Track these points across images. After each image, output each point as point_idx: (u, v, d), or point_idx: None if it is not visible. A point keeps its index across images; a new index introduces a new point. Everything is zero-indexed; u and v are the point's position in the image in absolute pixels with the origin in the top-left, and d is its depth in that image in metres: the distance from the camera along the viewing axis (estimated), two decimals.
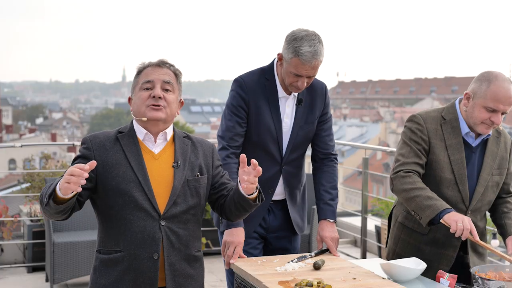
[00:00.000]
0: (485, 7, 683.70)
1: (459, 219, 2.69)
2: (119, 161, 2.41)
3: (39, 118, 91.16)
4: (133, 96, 2.50)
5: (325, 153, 3.22)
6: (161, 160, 2.47)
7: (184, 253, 2.46)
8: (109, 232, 2.42)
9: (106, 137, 2.46)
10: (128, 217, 2.38)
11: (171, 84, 2.47)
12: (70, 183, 2.14)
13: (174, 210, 2.42)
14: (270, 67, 3.12)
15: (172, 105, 2.46)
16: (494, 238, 3.13)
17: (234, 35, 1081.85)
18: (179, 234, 2.44)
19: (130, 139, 2.46)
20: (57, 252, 5.08)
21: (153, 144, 2.48)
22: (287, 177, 3.16)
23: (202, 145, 2.59)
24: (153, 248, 2.38)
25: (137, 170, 2.40)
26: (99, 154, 2.41)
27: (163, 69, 2.49)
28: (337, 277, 2.62)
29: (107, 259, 2.41)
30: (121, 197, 2.38)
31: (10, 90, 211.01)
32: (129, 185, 2.38)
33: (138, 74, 2.51)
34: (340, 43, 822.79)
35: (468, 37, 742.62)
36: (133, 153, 2.43)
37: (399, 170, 2.91)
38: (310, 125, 3.15)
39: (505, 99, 2.80)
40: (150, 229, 2.38)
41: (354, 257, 6.36)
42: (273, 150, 3.10)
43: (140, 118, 2.44)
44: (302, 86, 2.98)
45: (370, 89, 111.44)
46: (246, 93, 3.05)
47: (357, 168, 27.00)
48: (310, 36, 2.91)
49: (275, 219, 3.19)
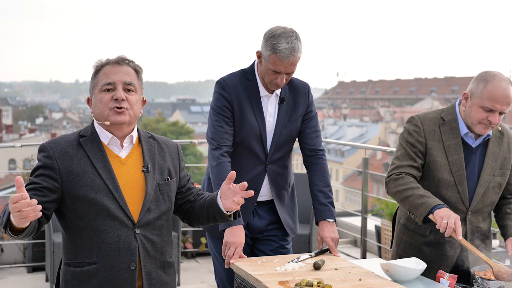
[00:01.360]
0: (485, 7, 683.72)
1: (445, 216, 2.70)
2: (85, 168, 2.27)
3: (39, 118, 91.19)
4: (93, 98, 2.37)
5: (312, 149, 3.23)
6: (129, 165, 2.36)
7: (159, 260, 2.38)
8: (79, 243, 2.28)
9: (68, 143, 2.32)
10: (100, 227, 2.26)
11: (133, 84, 2.34)
12: (26, 217, 1.96)
13: (148, 217, 2.33)
14: (251, 68, 3.16)
15: (135, 106, 2.35)
16: (494, 238, 3.13)
17: (234, 35, 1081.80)
18: (154, 241, 2.35)
19: (94, 144, 2.33)
20: (57, 252, 5.07)
21: (119, 148, 2.36)
22: (273, 177, 3.17)
23: (168, 146, 2.50)
24: (130, 258, 2.28)
25: (105, 178, 2.28)
26: (63, 163, 2.27)
27: (123, 66, 2.35)
28: (337, 277, 2.62)
29: (79, 272, 2.28)
30: (92, 207, 2.25)
31: (10, 90, 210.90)
32: (99, 194, 2.26)
33: (96, 73, 2.36)
34: (340, 43, 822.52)
35: (468, 37, 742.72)
36: (99, 159, 2.30)
37: (392, 173, 2.95)
38: (293, 124, 3.18)
39: (502, 99, 2.79)
40: (125, 239, 2.28)
41: (354, 257, 6.36)
42: (257, 149, 3.12)
43: (103, 122, 2.33)
44: (281, 82, 3.01)
45: (370, 89, 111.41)
46: (228, 94, 3.08)
47: (357, 168, 27.01)
48: (288, 33, 2.95)
49: (260, 220, 3.20)
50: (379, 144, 49.72)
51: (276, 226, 3.24)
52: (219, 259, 3.20)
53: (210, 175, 3.09)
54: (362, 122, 73.61)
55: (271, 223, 3.22)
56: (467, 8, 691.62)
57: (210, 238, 3.24)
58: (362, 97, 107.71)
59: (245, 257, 2.89)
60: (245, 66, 3.22)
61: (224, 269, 3.15)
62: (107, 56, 2.41)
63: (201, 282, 5.57)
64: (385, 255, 6.11)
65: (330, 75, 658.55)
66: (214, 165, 3.00)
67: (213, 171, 3.01)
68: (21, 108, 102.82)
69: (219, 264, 3.21)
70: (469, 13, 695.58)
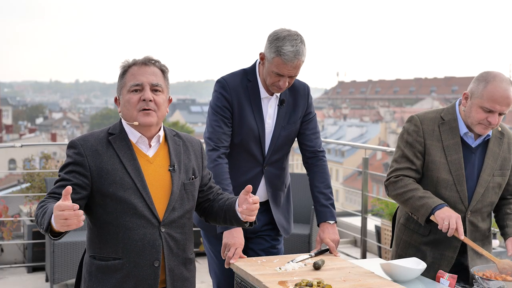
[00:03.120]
0: (485, 7, 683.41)
1: (446, 217, 2.72)
2: (114, 166, 2.32)
3: (39, 118, 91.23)
4: (121, 98, 2.41)
5: (312, 150, 3.23)
6: (156, 164, 2.40)
7: (181, 257, 2.44)
8: (105, 238, 2.34)
9: (97, 140, 2.36)
10: (127, 224, 2.31)
11: (160, 85, 2.39)
12: (70, 225, 2.01)
13: (172, 215, 2.38)
14: (252, 68, 3.14)
15: (162, 106, 2.39)
16: (494, 238, 3.13)
17: (234, 35, 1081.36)
18: (177, 239, 2.41)
19: (122, 142, 2.37)
20: (57, 252, 5.08)
21: (147, 147, 2.41)
22: (270, 178, 3.17)
23: (192, 145, 2.54)
24: (154, 256, 2.34)
25: (134, 176, 2.32)
26: (93, 160, 2.31)
27: (149, 67, 2.39)
28: (337, 277, 2.62)
29: (104, 266, 2.34)
30: (120, 204, 2.31)
31: (10, 90, 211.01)
32: (127, 192, 2.31)
33: (123, 73, 2.41)
34: (340, 43, 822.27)
35: (468, 37, 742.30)
36: (128, 157, 2.35)
37: (391, 176, 2.97)
38: (292, 125, 3.16)
39: (501, 100, 2.79)
40: (150, 237, 2.33)
41: (354, 257, 6.36)
42: (255, 150, 3.11)
43: (132, 123, 2.37)
44: (284, 85, 3.00)
45: (370, 89, 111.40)
46: (229, 94, 3.07)
47: (357, 168, 27.00)
48: (292, 36, 2.93)
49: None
50: (379, 144, 49.72)
51: (270, 226, 3.24)
52: (213, 256, 3.20)
53: None
54: (362, 122, 73.60)
55: (265, 224, 3.23)
56: (467, 8, 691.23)
57: (206, 237, 3.24)
58: (362, 97, 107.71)
59: (245, 257, 2.90)
60: (245, 66, 3.20)
61: (219, 267, 3.16)
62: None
63: (201, 282, 5.57)
64: (385, 255, 6.11)
65: (330, 75, 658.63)
66: (211, 166, 2.99)
67: (210, 172, 3.01)
68: (21, 108, 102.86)
69: (214, 262, 3.21)
70: (469, 13, 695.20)
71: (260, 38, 40.32)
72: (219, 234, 2.97)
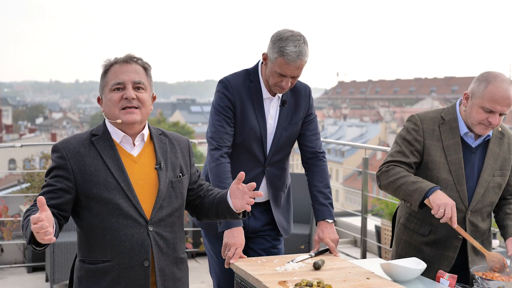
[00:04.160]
0: (485, 7, 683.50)
1: (442, 204, 2.72)
2: (97, 167, 2.29)
3: (39, 118, 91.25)
4: (103, 97, 2.38)
5: (312, 151, 3.24)
6: (141, 163, 2.38)
7: (172, 256, 2.41)
8: (93, 241, 2.32)
9: (80, 142, 2.33)
10: (114, 225, 2.29)
11: (142, 83, 2.36)
12: (42, 239, 2.01)
13: (160, 214, 2.35)
14: (255, 68, 3.14)
15: (146, 103, 2.36)
16: (494, 238, 3.14)
17: (235, 35, 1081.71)
18: (167, 238, 2.38)
19: (106, 142, 2.35)
20: (57, 252, 5.08)
21: (131, 147, 2.38)
22: (271, 179, 3.18)
23: (179, 143, 2.52)
24: (143, 256, 2.31)
25: (118, 176, 2.30)
26: (76, 162, 2.29)
27: (131, 65, 2.36)
28: (337, 277, 2.62)
29: (93, 269, 2.32)
30: (105, 205, 2.28)
31: (10, 90, 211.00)
32: (112, 192, 2.28)
33: (105, 72, 2.37)
34: (340, 43, 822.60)
35: (468, 37, 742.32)
36: (111, 157, 2.32)
37: (382, 166, 2.98)
38: (293, 126, 3.17)
39: (502, 100, 2.79)
40: (138, 236, 2.31)
41: (354, 257, 6.36)
42: (256, 151, 3.12)
43: (115, 121, 2.34)
44: (286, 86, 3.00)
45: (370, 89, 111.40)
46: (231, 94, 3.07)
47: (357, 168, 27.00)
48: (295, 36, 2.94)
49: (255, 221, 3.20)
50: (379, 144, 49.72)
51: (270, 226, 3.24)
52: (213, 256, 3.21)
53: (208, 174, 3.09)
54: (362, 122, 73.60)
55: (266, 224, 3.23)
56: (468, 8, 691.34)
57: (206, 237, 3.25)
58: (362, 97, 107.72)
59: (245, 257, 2.90)
60: (246, 66, 3.21)
61: (219, 266, 3.16)
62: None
63: (201, 282, 5.57)
64: (385, 255, 6.11)
65: (330, 75, 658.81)
66: (213, 166, 3.00)
67: (212, 171, 3.01)
68: (21, 108, 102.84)
69: (214, 262, 3.21)
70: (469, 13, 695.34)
71: (260, 38, 40.45)
72: (220, 234, 2.97)
